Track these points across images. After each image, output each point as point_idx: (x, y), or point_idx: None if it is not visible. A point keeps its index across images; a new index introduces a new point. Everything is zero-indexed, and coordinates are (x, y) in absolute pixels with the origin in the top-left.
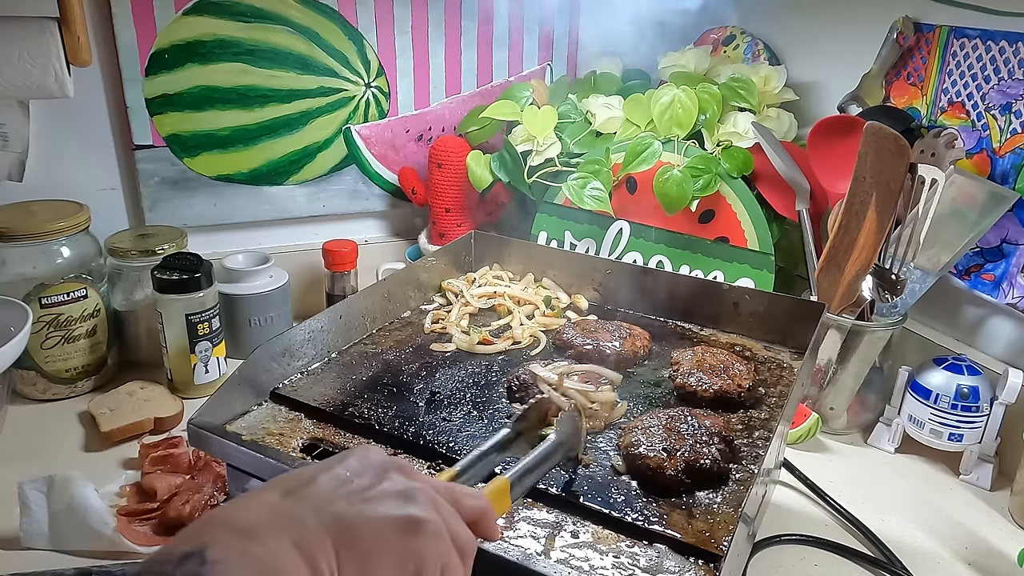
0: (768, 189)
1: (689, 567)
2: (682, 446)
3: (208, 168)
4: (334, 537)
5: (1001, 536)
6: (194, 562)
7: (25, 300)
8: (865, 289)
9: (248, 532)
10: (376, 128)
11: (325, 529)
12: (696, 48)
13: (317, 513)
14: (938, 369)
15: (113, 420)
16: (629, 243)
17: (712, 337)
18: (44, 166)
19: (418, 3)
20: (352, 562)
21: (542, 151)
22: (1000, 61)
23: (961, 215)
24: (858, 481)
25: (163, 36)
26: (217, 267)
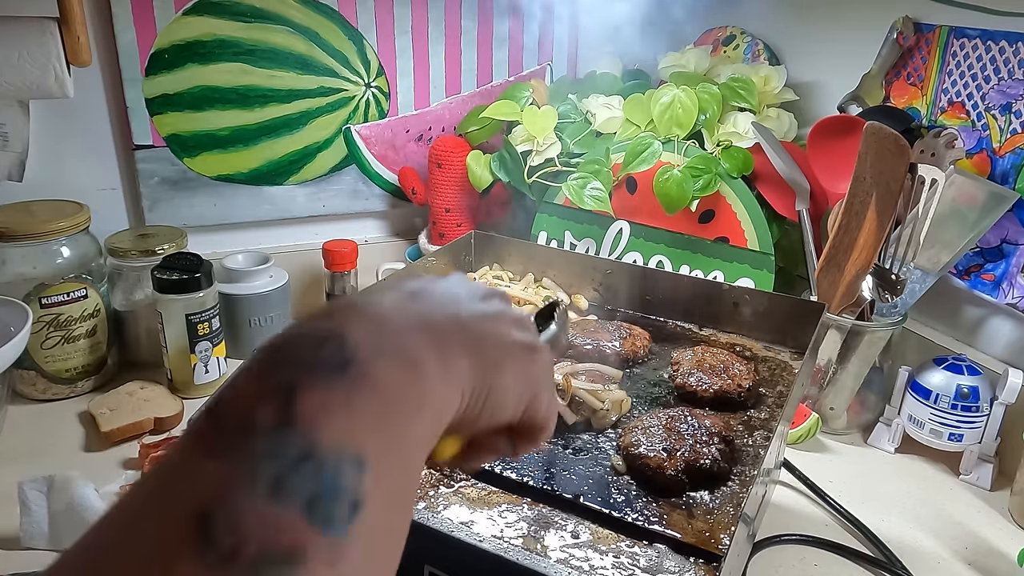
0: (768, 189)
1: (689, 567)
2: (682, 446)
3: (208, 168)
4: (463, 344)
5: (1001, 536)
6: (333, 347)
7: (25, 300)
8: (865, 289)
9: (386, 322)
10: (376, 128)
11: (456, 333)
12: (696, 48)
13: (448, 317)
14: (938, 369)
15: (113, 420)
16: (629, 243)
17: (712, 337)
18: (44, 166)
19: (418, 3)
20: (480, 370)
21: (542, 151)
22: (1000, 61)
23: (961, 215)
24: (858, 481)
25: (163, 36)
26: (217, 267)
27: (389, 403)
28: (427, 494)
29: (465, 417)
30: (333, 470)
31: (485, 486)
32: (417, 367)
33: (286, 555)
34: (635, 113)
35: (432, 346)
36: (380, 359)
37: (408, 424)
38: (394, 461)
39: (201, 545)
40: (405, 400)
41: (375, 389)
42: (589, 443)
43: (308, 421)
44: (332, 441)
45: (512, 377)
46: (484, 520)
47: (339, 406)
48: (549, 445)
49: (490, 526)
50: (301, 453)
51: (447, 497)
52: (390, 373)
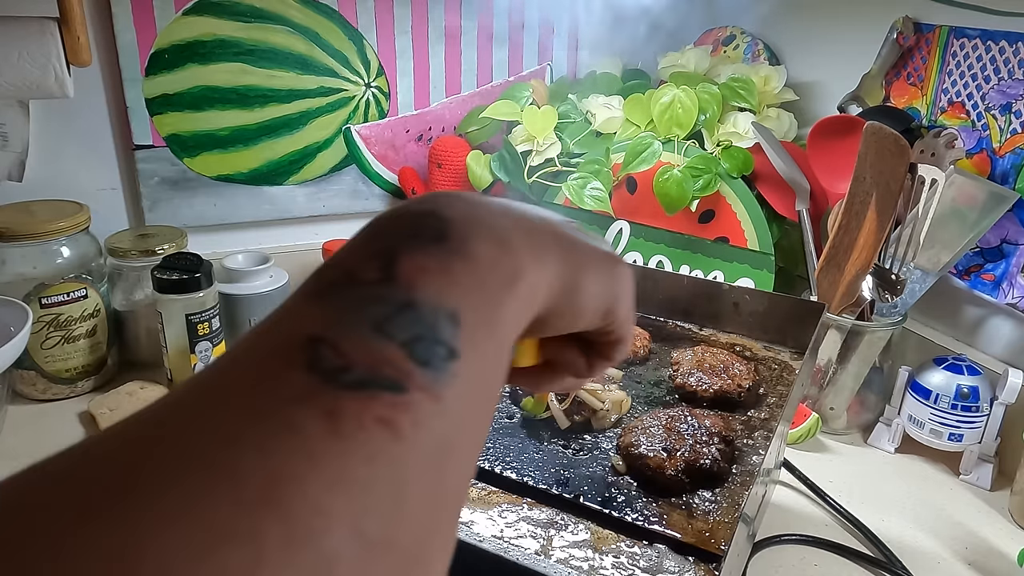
0: (768, 189)
1: (689, 567)
2: (682, 446)
3: (208, 168)
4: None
5: (1001, 536)
6: (431, 221)
7: (25, 300)
8: (865, 289)
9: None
10: (376, 128)
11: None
12: (696, 48)
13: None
14: (938, 369)
15: (113, 420)
16: (629, 243)
17: (712, 337)
18: (44, 166)
19: (418, 3)
20: (568, 264)
21: (542, 151)
22: (1000, 61)
23: (961, 215)
24: (858, 481)
25: (163, 36)
26: (217, 267)
27: (483, 273)
28: None
29: (551, 311)
30: (431, 319)
31: (485, 486)
32: (510, 246)
33: (389, 381)
34: (635, 113)
35: (524, 233)
36: (475, 235)
37: (500, 296)
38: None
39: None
40: (498, 273)
41: (469, 259)
42: (589, 443)
43: (407, 278)
44: (430, 297)
45: (598, 276)
46: (484, 520)
47: (436, 270)
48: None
49: (490, 526)
50: (401, 302)
51: None
52: (484, 247)
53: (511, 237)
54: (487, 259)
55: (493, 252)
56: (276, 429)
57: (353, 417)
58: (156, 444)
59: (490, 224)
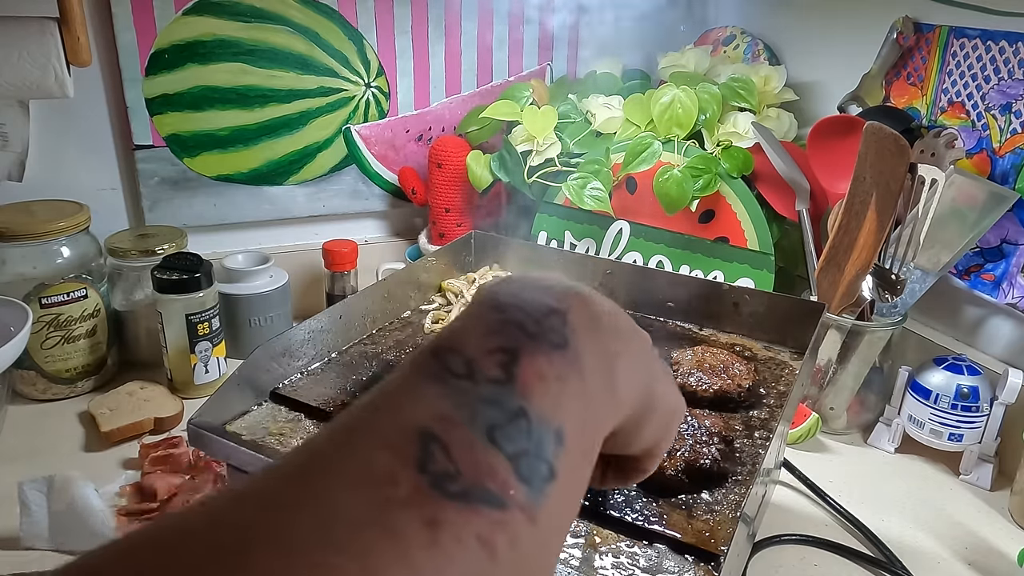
0: (768, 189)
1: (689, 567)
2: (682, 446)
3: (208, 168)
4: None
5: (1001, 536)
6: (556, 322)
7: (25, 300)
8: (865, 289)
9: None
10: (376, 128)
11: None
12: (696, 48)
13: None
14: (938, 369)
15: (113, 420)
16: (629, 243)
17: (712, 337)
18: (44, 166)
19: (418, 3)
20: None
21: (542, 151)
22: (1000, 61)
23: (961, 215)
24: (858, 481)
25: (163, 36)
26: (217, 267)
27: (591, 393)
28: None
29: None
30: (539, 435)
31: None
32: (614, 366)
33: (492, 496)
34: (635, 113)
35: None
36: (591, 348)
37: (599, 414)
38: (583, 448)
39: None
40: (602, 391)
41: (583, 375)
42: None
43: (526, 385)
44: (543, 409)
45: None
46: None
47: (553, 379)
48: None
49: None
50: (517, 410)
51: None
52: (596, 364)
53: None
54: (596, 378)
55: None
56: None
57: (454, 530)
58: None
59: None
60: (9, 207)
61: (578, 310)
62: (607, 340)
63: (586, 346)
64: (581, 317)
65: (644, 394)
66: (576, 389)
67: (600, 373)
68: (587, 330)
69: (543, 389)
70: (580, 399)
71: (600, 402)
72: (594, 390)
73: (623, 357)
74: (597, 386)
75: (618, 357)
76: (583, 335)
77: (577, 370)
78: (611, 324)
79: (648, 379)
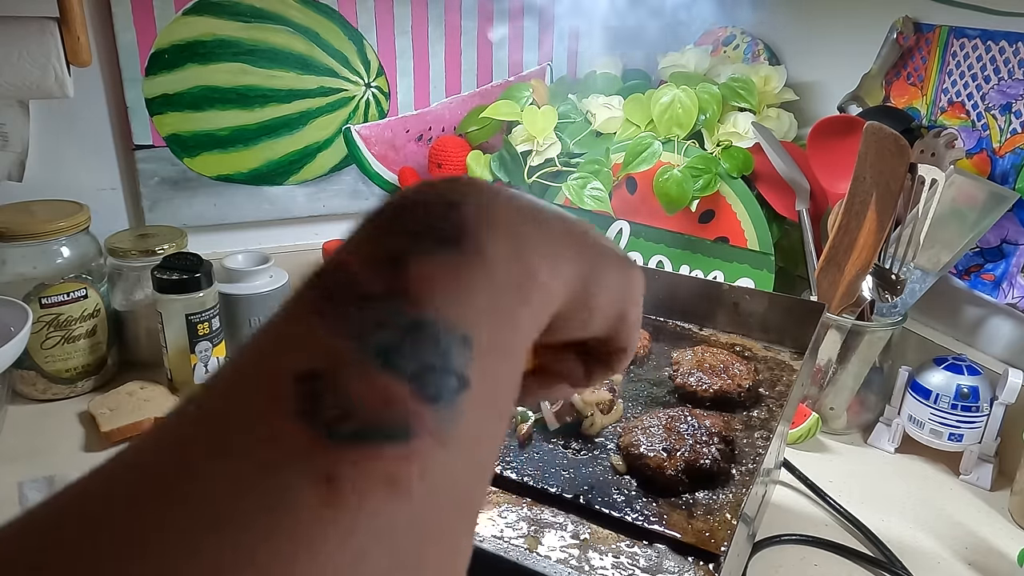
0: (768, 189)
1: (689, 567)
2: (682, 446)
3: (208, 168)
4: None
5: (1001, 536)
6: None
7: (25, 300)
8: (865, 289)
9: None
10: (376, 128)
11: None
12: (696, 48)
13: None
14: (938, 369)
15: (113, 420)
16: (629, 243)
17: (712, 337)
18: (44, 166)
19: (418, 3)
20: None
21: (542, 151)
22: (1000, 61)
23: (961, 215)
24: (858, 481)
25: (163, 36)
26: (217, 267)
27: (500, 285)
28: None
29: (564, 315)
30: (444, 344)
31: None
32: (528, 248)
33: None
34: (635, 113)
35: (541, 232)
36: (494, 236)
37: (516, 310)
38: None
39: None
40: (515, 284)
41: (486, 267)
42: (589, 443)
43: (418, 292)
44: (442, 315)
45: (614, 278)
46: (484, 520)
47: (450, 280)
48: (553, 444)
49: (490, 526)
50: (411, 323)
51: None
52: (502, 252)
53: (528, 237)
54: (504, 267)
55: (511, 258)
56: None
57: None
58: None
59: (509, 222)
60: (9, 207)
61: (474, 198)
62: (516, 224)
63: (488, 235)
64: (479, 206)
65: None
66: (480, 284)
67: (511, 261)
68: (488, 218)
69: (439, 294)
70: (487, 294)
71: (517, 293)
72: (505, 281)
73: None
74: (510, 276)
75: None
76: (483, 225)
77: (480, 264)
78: (520, 207)
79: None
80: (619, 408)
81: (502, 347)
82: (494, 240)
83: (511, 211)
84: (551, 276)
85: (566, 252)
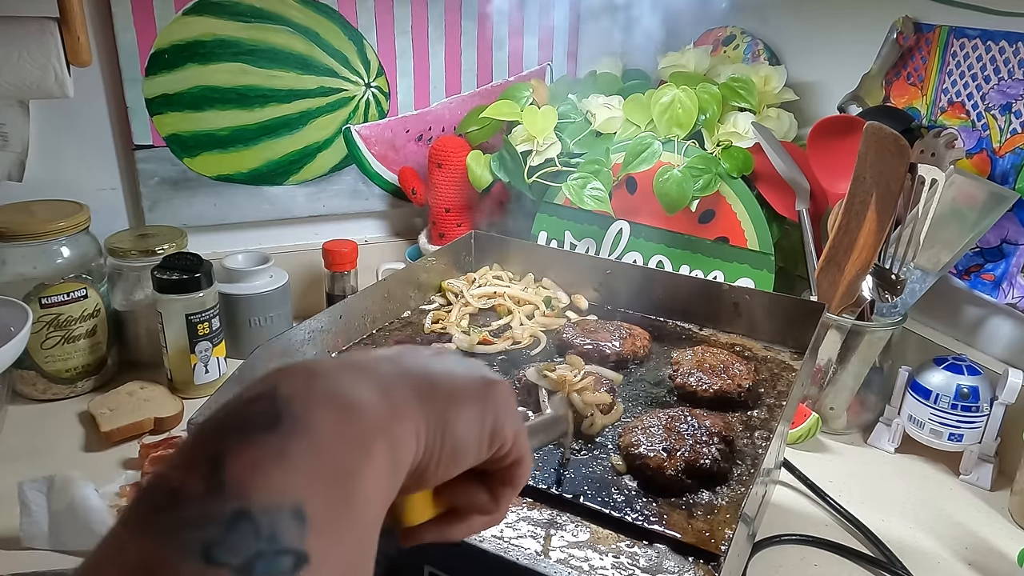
0: (768, 189)
1: (689, 567)
2: (682, 446)
3: (208, 168)
4: (412, 385)
5: (1001, 536)
6: (263, 404)
7: (25, 300)
8: (865, 289)
9: (320, 372)
10: (376, 128)
11: (403, 377)
12: (696, 48)
13: (392, 364)
14: (938, 369)
15: (113, 420)
16: (629, 243)
17: (712, 337)
18: (44, 166)
19: (418, 3)
20: (432, 406)
21: (542, 151)
22: (1000, 61)
23: (961, 215)
24: (858, 481)
25: (163, 36)
26: (217, 267)
27: (329, 450)
28: None
29: (427, 463)
30: (269, 527)
31: None
32: (358, 410)
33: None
34: (635, 113)
35: (375, 388)
36: (316, 406)
37: (354, 471)
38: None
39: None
40: (348, 445)
41: (311, 437)
42: (589, 443)
43: (238, 483)
44: (266, 498)
45: (469, 409)
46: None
47: (272, 461)
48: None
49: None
50: (232, 515)
51: None
52: (328, 418)
53: (360, 396)
54: (333, 432)
55: (337, 421)
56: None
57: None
58: None
59: (330, 390)
60: (9, 207)
61: (288, 379)
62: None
63: (308, 410)
64: (294, 383)
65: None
66: (306, 458)
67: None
68: (306, 396)
69: (260, 478)
70: (316, 464)
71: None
72: (335, 446)
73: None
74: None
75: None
76: (299, 402)
77: (304, 434)
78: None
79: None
80: (619, 409)
81: (344, 506)
82: (315, 413)
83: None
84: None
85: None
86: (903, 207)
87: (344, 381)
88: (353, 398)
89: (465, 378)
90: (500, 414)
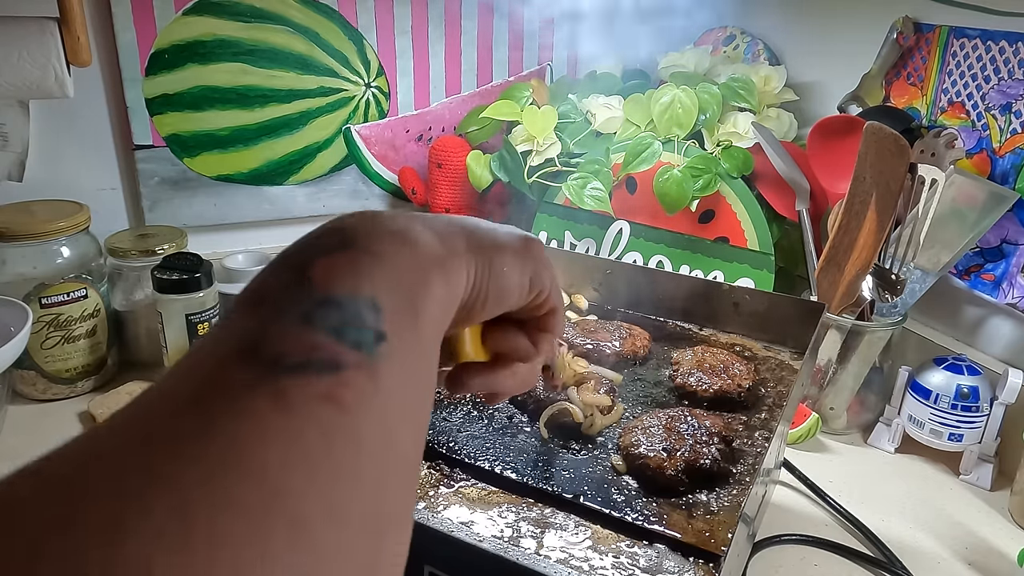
0: (768, 189)
1: (689, 567)
2: (682, 446)
3: (208, 168)
4: (463, 234)
5: (1001, 536)
6: (334, 233)
7: (25, 300)
8: (865, 289)
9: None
10: (376, 128)
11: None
12: (696, 48)
13: (446, 219)
14: (938, 369)
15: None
16: (629, 243)
17: (712, 337)
18: (44, 166)
19: (418, 3)
20: (478, 250)
21: (542, 151)
22: (1000, 61)
23: (961, 215)
24: (858, 481)
25: (163, 36)
26: (217, 267)
27: (392, 266)
28: (427, 494)
29: (475, 299)
30: (353, 307)
31: (485, 486)
32: (418, 244)
33: (324, 364)
34: (635, 113)
35: (431, 232)
36: (380, 237)
37: (415, 284)
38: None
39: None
40: (410, 268)
41: (378, 257)
42: (589, 443)
43: (321, 281)
44: (347, 290)
45: (512, 257)
46: (484, 520)
47: (347, 267)
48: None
49: (490, 526)
50: (321, 299)
51: (447, 497)
52: (391, 247)
53: (417, 235)
54: (394, 255)
55: (400, 249)
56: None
57: (298, 395)
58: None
59: (392, 227)
60: (9, 207)
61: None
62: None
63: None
64: (360, 220)
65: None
66: (375, 267)
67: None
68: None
69: (340, 278)
70: (383, 273)
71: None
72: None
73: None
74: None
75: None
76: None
77: (372, 255)
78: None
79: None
80: (619, 409)
81: (410, 311)
82: (380, 241)
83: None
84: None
85: (460, 242)
86: (903, 207)
87: (404, 222)
88: (412, 235)
89: (508, 233)
90: (539, 265)
